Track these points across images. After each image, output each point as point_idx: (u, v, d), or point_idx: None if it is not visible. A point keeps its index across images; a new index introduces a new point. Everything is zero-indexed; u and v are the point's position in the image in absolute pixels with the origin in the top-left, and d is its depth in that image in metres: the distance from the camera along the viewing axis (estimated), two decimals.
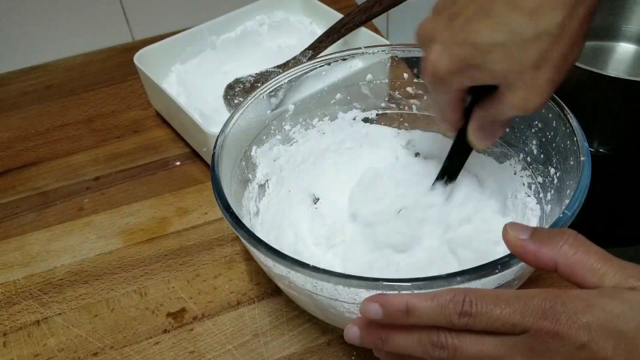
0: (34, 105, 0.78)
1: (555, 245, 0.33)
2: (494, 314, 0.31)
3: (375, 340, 0.34)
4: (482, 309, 0.31)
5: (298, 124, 0.57)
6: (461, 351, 0.32)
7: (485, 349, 0.31)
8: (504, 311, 0.30)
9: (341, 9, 0.74)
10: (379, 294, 0.34)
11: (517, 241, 0.34)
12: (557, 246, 0.33)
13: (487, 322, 0.31)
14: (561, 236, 0.33)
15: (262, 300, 0.53)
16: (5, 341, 0.52)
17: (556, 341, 0.29)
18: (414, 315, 0.32)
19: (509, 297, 0.31)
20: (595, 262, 0.32)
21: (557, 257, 0.32)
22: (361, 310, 0.34)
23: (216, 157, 0.46)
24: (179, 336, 0.51)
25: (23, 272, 0.58)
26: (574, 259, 0.32)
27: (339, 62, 0.56)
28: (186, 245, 0.59)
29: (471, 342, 0.31)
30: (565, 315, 0.29)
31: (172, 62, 0.72)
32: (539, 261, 0.33)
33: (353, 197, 0.55)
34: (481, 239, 0.49)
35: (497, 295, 0.31)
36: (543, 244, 0.33)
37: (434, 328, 0.32)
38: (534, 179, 0.51)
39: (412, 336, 0.33)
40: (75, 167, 0.69)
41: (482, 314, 0.31)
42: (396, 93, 0.58)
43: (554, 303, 0.30)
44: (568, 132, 0.45)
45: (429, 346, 0.32)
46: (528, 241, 0.34)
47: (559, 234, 0.33)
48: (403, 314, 0.32)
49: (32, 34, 0.83)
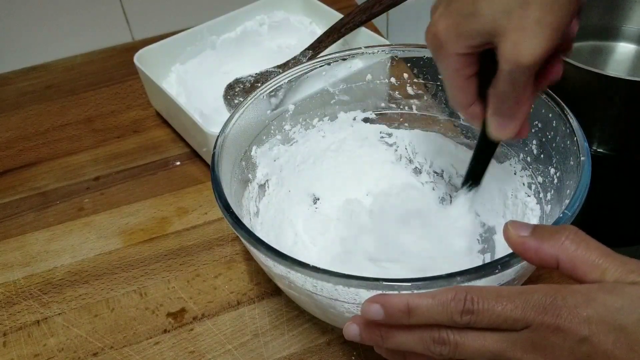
0: (34, 105, 0.78)
1: (557, 242, 0.33)
2: (495, 310, 0.31)
3: (375, 337, 0.34)
4: (483, 306, 0.31)
5: (298, 124, 0.57)
6: (463, 347, 0.32)
7: (486, 345, 0.31)
8: (506, 307, 0.30)
9: (341, 9, 0.74)
10: (379, 294, 0.34)
11: (518, 239, 0.34)
12: (559, 242, 0.33)
13: (489, 319, 0.31)
14: (562, 232, 0.33)
15: (262, 300, 0.53)
16: (5, 341, 0.52)
17: (557, 335, 0.30)
18: (415, 315, 0.32)
19: (510, 293, 0.31)
20: (597, 258, 0.32)
21: (559, 253, 0.32)
22: (362, 311, 0.34)
23: (216, 157, 0.46)
24: (179, 336, 0.51)
25: (23, 272, 0.58)
26: (575, 254, 0.32)
27: (339, 62, 0.56)
28: (186, 245, 0.59)
29: (473, 337, 0.31)
30: (566, 310, 0.30)
31: (172, 62, 0.72)
32: (540, 258, 0.33)
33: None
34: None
35: (498, 292, 0.31)
36: (544, 240, 0.33)
37: (435, 325, 0.32)
38: (534, 178, 0.51)
39: (413, 333, 0.33)
40: (75, 167, 0.69)
41: (484, 311, 0.31)
42: (396, 93, 0.58)
43: (554, 298, 0.30)
44: (568, 132, 0.45)
45: (430, 342, 0.32)
46: (529, 238, 0.34)
47: (560, 231, 0.33)
48: (404, 314, 0.32)
49: (32, 34, 0.83)
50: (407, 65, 0.56)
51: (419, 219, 0.53)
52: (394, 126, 0.60)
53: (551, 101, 0.47)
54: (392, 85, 0.58)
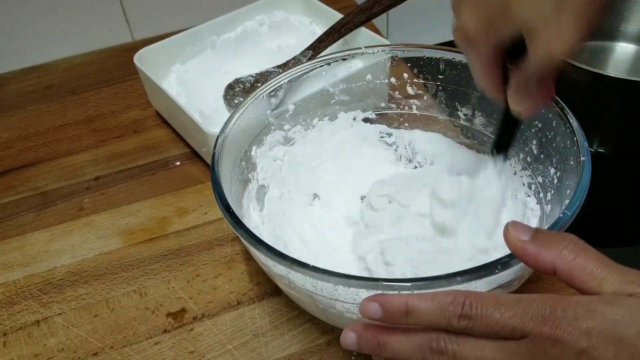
0: (34, 105, 0.78)
1: (556, 250, 0.33)
2: (493, 317, 0.30)
3: (372, 346, 0.34)
4: (481, 312, 0.31)
5: (298, 124, 0.57)
6: (461, 356, 0.31)
7: (485, 354, 0.31)
8: (504, 315, 0.30)
9: (341, 9, 0.74)
10: (378, 293, 0.34)
11: (517, 242, 0.34)
12: (557, 251, 0.33)
13: (487, 326, 0.31)
14: (562, 241, 0.33)
15: (262, 300, 0.53)
16: (5, 341, 0.52)
17: (556, 347, 0.29)
18: (413, 316, 0.32)
19: (509, 301, 0.31)
20: (595, 267, 0.32)
21: (557, 261, 0.32)
22: (360, 309, 0.33)
23: (216, 157, 0.46)
24: (179, 336, 0.51)
25: (23, 272, 0.58)
26: (573, 263, 0.32)
27: (339, 62, 0.56)
28: (186, 245, 0.59)
29: (471, 347, 0.31)
30: (566, 321, 0.29)
31: (172, 62, 0.72)
32: (538, 264, 0.33)
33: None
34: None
35: (497, 299, 0.31)
36: (543, 247, 0.33)
37: (433, 333, 0.32)
38: (534, 178, 0.51)
39: (411, 341, 0.33)
40: (75, 167, 0.69)
41: (481, 317, 0.31)
42: (396, 93, 0.58)
43: (554, 309, 0.30)
44: (568, 132, 0.45)
45: (428, 352, 0.32)
46: (529, 243, 0.34)
47: (560, 239, 0.33)
48: (402, 314, 0.32)
49: (32, 34, 0.83)
50: (407, 65, 0.56)
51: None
52: (393, 126, 0.60)
53: (551, 101, 0.47)
54: (392, 85, 0.58)
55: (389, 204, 0.53)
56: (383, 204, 0.54)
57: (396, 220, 0.52)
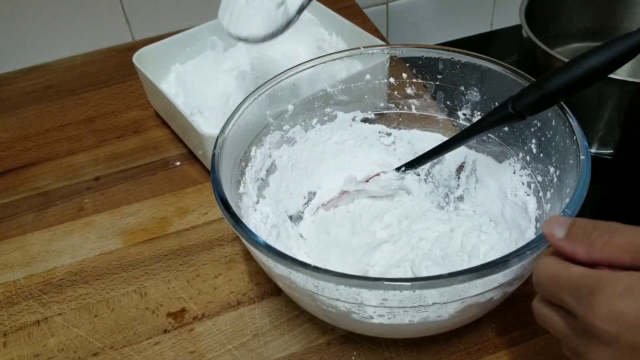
0: (34, 105, 0.78)
1: (590, 246, 0.33)
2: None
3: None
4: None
5: (297, 125, 0.57)
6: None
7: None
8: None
9: (341, 9, 0.74)
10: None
11: (555, 242, 0.35)
12: (593, 247, 0.33)
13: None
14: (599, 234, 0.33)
15: (262, 300, 0.53)
16: (6, 341, 0.52)
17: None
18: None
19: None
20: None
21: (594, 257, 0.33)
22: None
23: (216, 158, 0.46)
24: (179, 336, 0.51)
25: (23, 272, 0.58)
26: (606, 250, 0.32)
27: (338, 62, 0.56)
28: (186, 245, 0.59)
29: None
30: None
31: (171, 62, 0.72)
32: (576, 260, 0.34)
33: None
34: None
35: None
36: (576, 242, 0.34)
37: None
38: (533, 177, 0.51)
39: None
40: (76, 167, 0.69)
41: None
42: (395, 93, 0.58)
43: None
44: (567, 131, 0.45)
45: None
46: (564, 241, 0.34)
47: (600, 230, 0.33)
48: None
49: (32, 34, 0.83)
50: (406, 65, 0.56)
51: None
52: (393, 126, 0.60)
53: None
54: (391, 85, 0.58)
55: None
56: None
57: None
